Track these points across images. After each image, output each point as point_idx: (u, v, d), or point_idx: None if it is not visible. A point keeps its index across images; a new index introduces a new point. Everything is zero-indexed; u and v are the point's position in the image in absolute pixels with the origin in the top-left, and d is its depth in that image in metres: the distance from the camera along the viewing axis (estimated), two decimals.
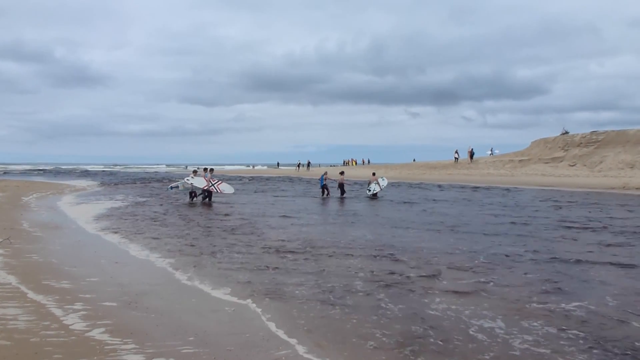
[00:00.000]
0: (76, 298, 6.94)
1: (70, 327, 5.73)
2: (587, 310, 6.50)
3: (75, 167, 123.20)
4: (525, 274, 8.56)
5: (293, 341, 5.49)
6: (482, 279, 8.17)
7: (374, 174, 29.25)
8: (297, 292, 7.51)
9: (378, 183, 27.63)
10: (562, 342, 5.43)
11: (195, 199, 24.05)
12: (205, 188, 23.49)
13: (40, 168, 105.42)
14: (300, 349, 5.27)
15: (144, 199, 25.58)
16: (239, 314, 6.50)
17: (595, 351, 5.19)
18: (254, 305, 6.85)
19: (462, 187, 35.40)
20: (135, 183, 44.30)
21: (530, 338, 5.55)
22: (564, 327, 5.87)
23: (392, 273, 8.62)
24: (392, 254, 10.30)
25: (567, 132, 48.44)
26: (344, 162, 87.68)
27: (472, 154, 54.36)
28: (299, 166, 72.43)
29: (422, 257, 9.97)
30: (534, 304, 6.82)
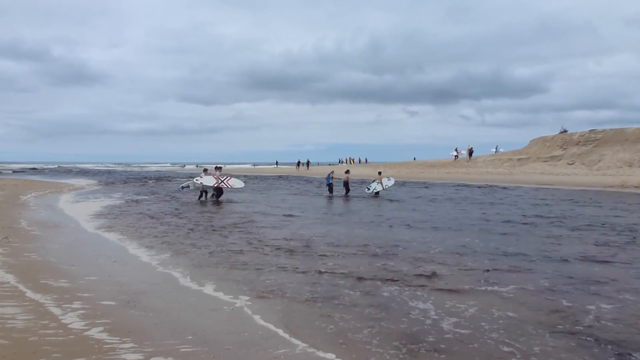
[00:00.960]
0: (75, 297, 6.93)
1: (68, 326, 5.73)
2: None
3: (74, 165, 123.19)
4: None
5: (292, 340, 5.49)
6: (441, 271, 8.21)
7: (380, 172, 29.26)
8: (296, 291, 7.51)
9: (381, 182, 27.66)
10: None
11: (206, 197, 24.23)
12: (216, 186, 23.69)
13: (40, 167, 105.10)
14: (299, 348, 5.27)
15: (143, 198, 25.55)
16: (238, 312, 6.50)
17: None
18: (253, 304, 6.85)
19: (459, 185, 35.44)
20: (134, 182, 44.25)
21: (453, 319, 5.58)
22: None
23: (389, 271, 8.64)
24: (386, 253, 10.31)
25: (565, 131, 48.49)
26: (339, 161, 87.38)
27: (471, 152, 54.47)
28: (298, 165, 72.25)
29: (413, 256, 9.99)
30: (466, 286, 6.86)
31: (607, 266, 9.04)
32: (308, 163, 73.99)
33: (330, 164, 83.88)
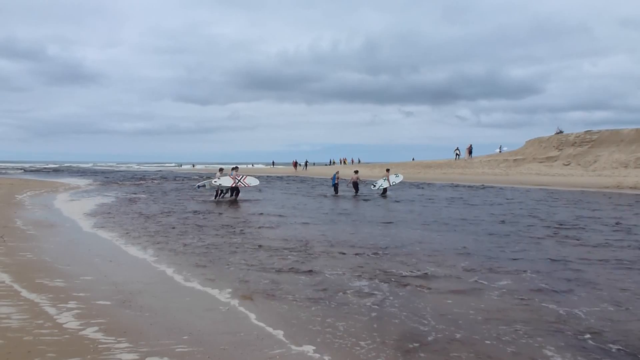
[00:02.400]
0: (70, 297, 6.92)
1: (63, 325, 5.72)
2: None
3: (75, 165, 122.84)
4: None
5: (287, 340, 5.50)
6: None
7: (388, 170, 29.39)
8: (292, 291, 7.51)
9: (388, 179, 27.81)
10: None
11: (222, 196, 24.42)
12: (233, 185, 23.96)
13: (41, 166, 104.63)
14: (295, 348, 5.27)
15: (139, 197, 25.50)
16: (233, 312, 6.50)
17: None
18: (249, 304, 6.84)
19: (456, 186, 35.51)
20: (130, 181, 44.16)
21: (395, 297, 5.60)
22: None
23: (388, 272, 8.65)
24: (386, 253, 10.33)
25: (561, 132, 48.70)
26: (330, 161, 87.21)
27: (470, 151, 55.63)
28: (296, 165, 72.08)
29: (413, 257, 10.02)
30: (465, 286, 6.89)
31: (607, 266, 9.07)
32: (306, 163, 73.82)
33: (326, 164, 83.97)
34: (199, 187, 26.20)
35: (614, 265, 9.14)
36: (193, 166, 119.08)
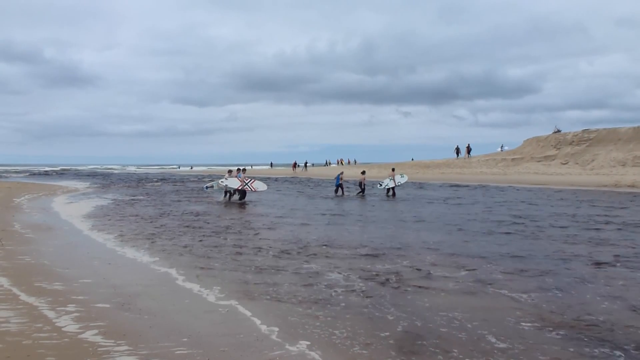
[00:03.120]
0: (69, 300, 6.91)
1: (63, 329, 5.71)
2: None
3: (72, 167, 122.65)
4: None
5: (287, 342, 5.49)
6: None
7: (393, 169, 29.57)
8: (291, 292, 7.51)
9: (394, 179, 27.97)
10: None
11: (230, 198, 24.55)
12: (240, 188, 24.02)
13: (45, 170, 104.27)
14: (294, 350, 5.27)
15: (137, 200, 25.48)
16: (233, 314, 6.49)
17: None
18: (248, 305, 6.84)
19: (453, 185, 35.52)
20: (128, 184, 44.11)
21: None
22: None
23: (387, 272, 8.66)
24: (385, 254, 10.34)
25: (559, 131, 48.76)
26: (326, 162, 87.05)
27: (469, 150, 56.33)
28: (295, 166, 71.84)
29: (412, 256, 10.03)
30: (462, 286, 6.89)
31: (604, 266, 9.09)
32: (306, 164, 73.66)
33: (323, 165, 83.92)
34: (206, 188, 26.36)
35: (618, 265, 9.18)
36: (191, 168, 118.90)
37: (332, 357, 5.08)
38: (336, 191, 28.09)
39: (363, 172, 28.77)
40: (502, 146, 59.86)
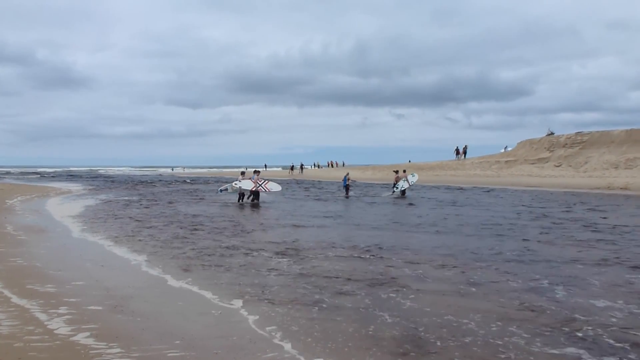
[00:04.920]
0: (61, 302, 6.87)
1: (54, 331, 5.68)
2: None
3: (63, 169, 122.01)
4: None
5: (280, 344, 5.49)
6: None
7: (404, 171, 29.75)
8: (284, 294, 7.50)
9: (407, 180, 28.15)
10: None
11: (243, 199, 24.46)
12: (253, 189, 24.04)
13: (43, 171, 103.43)
14: (288, 352, 5.26)
15: (131, 202, 25.38)
16: (226, 316, 6.48)
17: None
18: (241, 308, 6.83)
19: (447, 187, 35.61)
20: (122, 186, 43.94)
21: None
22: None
23: (381, 274, 8.66)
24: (378, 255, 10.35)
25: (552, 133, 49.01)
26: (315, 164, 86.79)
27: (465, 151, 57.64)
28: (292, 169, 71.78)
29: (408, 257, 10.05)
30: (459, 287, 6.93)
31: (603, 266, 9.14)
32: (302, 166, 73.71)
33: (310, 167, 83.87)
34: (220, 191, 26.22)
35: (612, 266, 9.24)
36: (184, 169, 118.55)
37: (325, 359, 5.08)
38: (346, 192, 28.61)
39: (396, 172, 29.21)
40: (505, 147, 60.43)
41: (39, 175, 74.11)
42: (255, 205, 23.23)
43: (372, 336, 5.72)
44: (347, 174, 30.14)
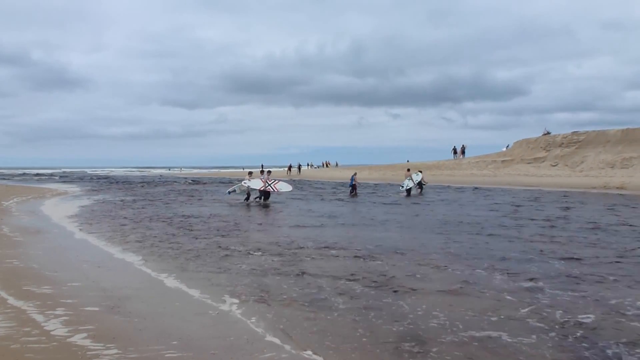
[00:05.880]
0: (58, 303, 6.85)
1: (51, 333, 5.66)
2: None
3: (62, 170, 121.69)
4: None
5: (278, 344, 5.49)
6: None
7: (408, 170, 29.82)
8: (282, 294, 7.50)
9: (412, 178, 28.20)
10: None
11: (251, 199, 24.37)
12: (262, 189, 23.90)
13: (46, 172, 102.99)
14: (285, 352, 5.27)
15: (128, 202, 25.33)
16: (223, 317, 6.48)
17: None
18: (238, 308, 6.83)
19: (443, 187, 35.65)
20: (118, 187, 43.84)
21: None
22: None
23: (379, 274, 8.67)
24: (374, 256, 10.36)
25: (548, 133, 49.15)
26: (308, 164, 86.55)
27: (463, 150, 58.17)
28: (290, 169, 71.66)
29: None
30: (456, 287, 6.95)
31: (601, 266, 9.17)
32: (299, 167, 73.68)
33: (312, 167, 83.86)
34: (229, 192, 25.93)
35: (608, 265, 9.28)
36: (181, 170, 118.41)
37: (325, 359, 5.09)
38: (351, 192, 28.41)
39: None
40: (507, 146, 60.62)
41: (35, 177, 73.86)
42: (265, 205, 23.05)
43: (372, 336, 5.72)
44: (355, 173, 30.19)
